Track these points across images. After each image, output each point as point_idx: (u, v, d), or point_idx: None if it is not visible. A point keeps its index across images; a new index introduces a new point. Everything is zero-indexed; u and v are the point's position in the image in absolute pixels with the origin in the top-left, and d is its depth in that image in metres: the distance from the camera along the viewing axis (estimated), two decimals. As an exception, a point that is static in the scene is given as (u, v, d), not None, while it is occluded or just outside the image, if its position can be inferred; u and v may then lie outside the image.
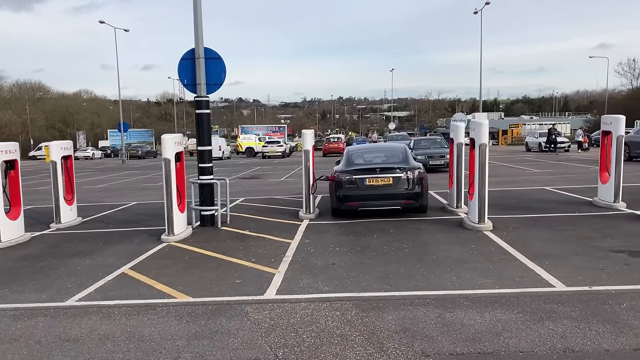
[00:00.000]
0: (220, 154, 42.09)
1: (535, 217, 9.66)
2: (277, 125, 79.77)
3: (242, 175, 24.02)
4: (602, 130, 10.78)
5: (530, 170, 20.92)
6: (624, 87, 79.75)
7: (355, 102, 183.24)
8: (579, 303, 4.96)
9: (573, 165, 22.51)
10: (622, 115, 10.43)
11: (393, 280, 5.96)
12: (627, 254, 6.69)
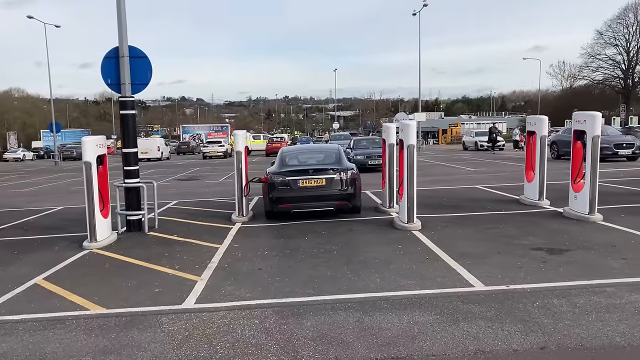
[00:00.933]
0: (159, 154, 41.05)
1: (464, 215, 9.86)
2: (220, 125, 78.65)
3: (179, 177, 23.47)
4: (527, 130, 11.15)
5: (464, 169, 21.49)
6: (555, 87, 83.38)
7: (301, 102, 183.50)
8: (495, 303, 5.04)
9: (506, 163, 23.28)
10: (545, 116, 10.84)
11: (318, 284, 5.89)
12: (546, 251, 6.90)
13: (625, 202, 10.52)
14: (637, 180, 14.43)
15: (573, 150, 9.47)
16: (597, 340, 4.08)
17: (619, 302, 4.88)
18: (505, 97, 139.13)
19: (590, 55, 71.13)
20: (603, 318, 4.51)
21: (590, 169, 8.73)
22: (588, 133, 8.82)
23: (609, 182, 13.93)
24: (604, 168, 17.82)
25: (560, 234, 7.84)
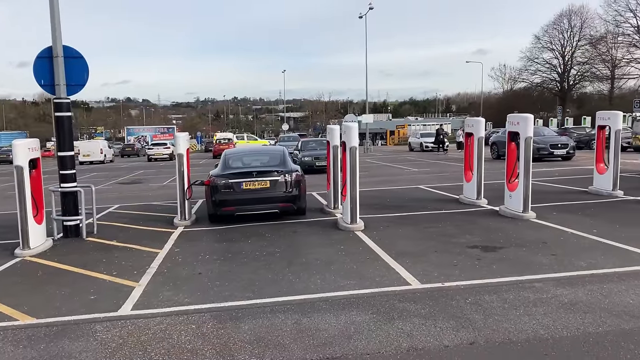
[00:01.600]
0: (102, 157, 39.83)
1: (406, 215, 10.07)
2: (166, 127, 77.06)
3: (122, 180, 22.85)
4: (466, 132, 11.51)
5: (409, 169, 21.94)
6: (497, 90, 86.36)
7: (250, 103, 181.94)
8: (430, 300, 5.18)
9: (449, 164, 23.90)
10: (482, 118, 11.23)
11: (258, 287, 5.88)
12: (481, 249, 7.15)
13: (557, 200, 11.02)
14: (570, 179, 15.13)
15: (508, 151, 9.85)
16: (523, 333, 4.26)
17: (546, 297, 5.11)
18: (450, 99, 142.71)
19: (529, 58, 74.05)
20: (530, 312, 4.72)
21: (524, 169, 9.09)
22: (521, 134, 9.18)
23: (544, 181, 14.55)
24: (540, 167, 18.64)
25: (495, 232, 8.14)
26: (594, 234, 7.69)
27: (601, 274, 5.74)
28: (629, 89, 67.71)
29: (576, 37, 69.82)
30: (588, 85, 73.65)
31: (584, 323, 4.41)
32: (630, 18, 61.95)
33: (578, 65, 71.19)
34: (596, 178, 12.07)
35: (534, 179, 14.62)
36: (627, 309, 4.69)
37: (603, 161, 11.95)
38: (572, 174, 16.41)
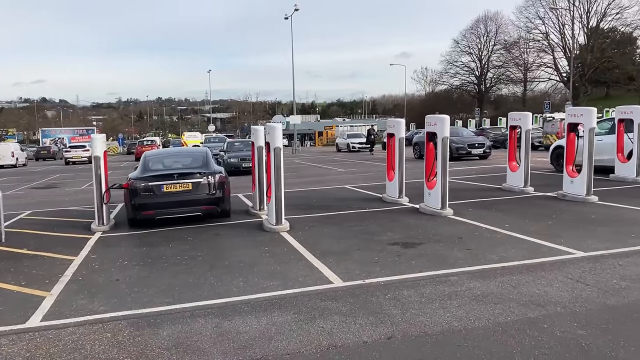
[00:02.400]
0: (13, 161, 37.46)
1: (331, 215, 10.19)
2: (85, 128, 73.66)
3: (36, 185, 21.60)
4: (387, 132, 11.80)
5: (336, 170, 22.21)
6: (419, 92, 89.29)
7: (175, 103, 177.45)
8: (351, 298, 5.26)
9: (375, 164, 24.42)
10: (402, 119, 11.55)
11: (178, 292, 5.73)
12: (401, 245, 7.35)
13: (474, 197, 11.53)
14: (486, 176, 15.89)
15: (426, 150, 10.19)
16: (438, 326, 4.42)
17: (460, 290, 5.33)
18: (376, 101, 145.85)
19: (449, 62, 77.19)
20: (445, 305, 4.90)
21: (441, 167, 9.44)
22: (438, 135, 9.53)
23: (462, 179, 15.18)
24: (459, 166, 19.44)
25: (415, 229, 8.40)
26: (506, 228, 8.11)
27: (511, 266, 6.07)
28: (540, 91, 72.15)
29: (492, 42, 73.60)
30: (503, 88, 77.87)
31: (495, 313, 4.64)
32: (539, 25, 66.06)
33: (494, 69, 74.99)
34: (509, 175, 12.73)
35: (453, 177, 15.24)
36: (534, 298, 4.99)
37: (515, 159, 12.62)
38: (488, 172, 17.23)
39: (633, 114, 12.73)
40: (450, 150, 22.32)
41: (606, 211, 9.20)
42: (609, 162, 13.33)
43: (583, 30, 64.64)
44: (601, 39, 62.98)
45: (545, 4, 63.08)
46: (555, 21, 64.50)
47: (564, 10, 62.48)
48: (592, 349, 3.86)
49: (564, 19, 63.88)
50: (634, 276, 5.50)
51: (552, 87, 70.55)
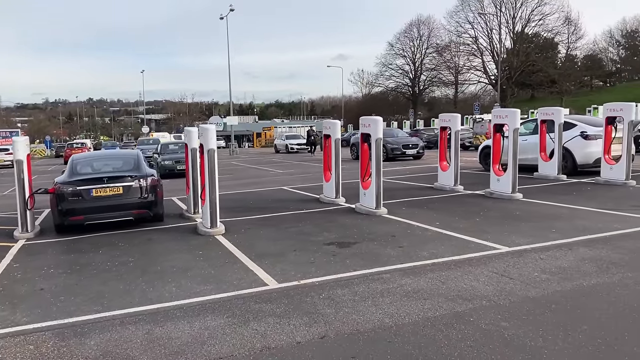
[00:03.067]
0: None
1: (268, 217, 10.16)
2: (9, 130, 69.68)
3: (-46, 191, 20.25)
4: (324, 133, 11.91)
5: (274, 171, 22.18)
6: (356, 94, 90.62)
7: (107, 104, 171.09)
8: (286, 299, 5.27)
9: (313, 165, 24.54)
10: (338, 121, 11.68)
11: (108, 300, 5.55)
12: (336, 245, 7.44)
13: (407, 196, 11.83)
14: (419, 176, 16.34)
15: (361, 151, 10.37)
16: (370, 323, 4.51)
17: (392, 287, 5.46)
18: (314, 102, 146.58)
19: (384, 64, 78.78)
20: (377, 303, 5.01)
21: (375, 168, 9.63)
22: (372, 136, 9.72)
23: (397, 179, 15.54)
24: (394, 166, 19.88)
25: (351, 229, 8.52)
26: (436, 226, 8.38)
27: (441, 263, 6.28)
28: (470, 93, 74.97)
29: (425, 45, 75.80)
30: (436, 90, 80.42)
31: (424, 309, 4.78)
32: (469, 29, 68.71)
33: (427, 71, 77.26)
34: (440, 175, 13.15)
35: (388, 177, 15.58)
36: (461, 293, 5.18)
37: (446, 159, 13.06)
38: (421, 172, 17.72)
39: (554, 115, 13.47)
40: (386, 150, 22.89)
41: (529, 208, 9.69)
42: (533, 160, 14.03)
43: (509, 35, 67.86)
44: (526, 43, 66.32)
45: (474, 9, 65.76)
46: (483, 26, 67.37)
47: (491, 15, 65.39)
48: (513, 339, 4.06)
49: (492, 24, 66.85)
50: (553, 269, 5.82)
51: (482, 90, 73.61)
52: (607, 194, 10.86)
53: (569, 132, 13.78)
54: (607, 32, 77.01)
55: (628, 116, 12.04)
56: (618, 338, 3.99)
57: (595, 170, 13.09)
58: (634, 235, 7.16)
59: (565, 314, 4.53)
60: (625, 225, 7.71)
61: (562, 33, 66.26)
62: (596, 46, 74.39)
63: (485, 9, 65.23)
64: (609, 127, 12.58)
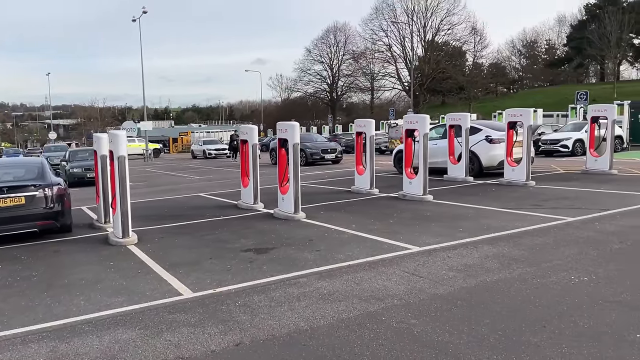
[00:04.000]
0: None
1: (183, 224, 9.94)
2: None
3: None
4: (241, 139, 11.84)
5: (191, 177, 21.72)
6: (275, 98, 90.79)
7: (9, 109, 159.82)
8: (201, 308, 5.19)
9: (231, 170, 24.24)
10: (255, 126, 11.67)
11: (8, 317, 5.20)
12: (254, 251, 7.42)
13: (325, 200, 12.01)
14: (338, 180, 16.63)
15: (279, 156, 10.40)
16: (286, 328, 4.55)
17: (308, 290, 5.53)
18: (233, 107, 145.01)
19: (302, 70, 79.49)
20: (293, 307, 5.05)
21: (293, 173, 9.70)
22: (289, 141, 9.79)
23: (316, 183, 15.73)
24: (313, 171, 20.10)
25: (269, 234, 8.52)
26: (353, 228, 8.57)
27: (356, 264, 6.43)
28: (386, 99, 77.25)
29: (341, 52, 77.28)
30: (354, 95, 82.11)
31: (339, 310, 4.89)
32: (383, 37, 70.87)
33: (344, 77, 78.76)
34: (357, 178, 13.47)
35: (307, 182, 15.74)
36: (374, 293, 5.34)
37: (362, 163, 13.39)
38: (340, 176, 18.05)
39: (461, 121, 14.21)
40: (305, 155, 23.10)
41: (439, 209, 10.15)
42: (442, 164, 14.71)
43: (421, 43, 70.73)
44: (436, 51, 69.37)
45: (388, 18, 67.96)
46: (397, 34, 69.74)
47: (404, 24, 67.91)
48: (422, 335, 4.25)
49: (404, 32, 69.38)
50: (459, 266, 6.14)
51: (397, 96, 76.07)
52: (510, 194, 11.60)
53: (475, 137, 14.60)
54: (510, 42, 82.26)
55: (527, 121, 12.94)
56: (516, 329, 4.28)
57: (499, 171, 13.94)
58: (533, 233, 7.70)
59: (470, 309, 4.79)
60: (525, 224, 8.27)
61: (469, 42, 70.03)
62: (500, 55, 79.16)
63: (398, 17, 67.67)
64: (510, 132, 13.45)
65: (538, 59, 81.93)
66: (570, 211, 9.11)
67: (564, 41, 76.44)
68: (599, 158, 14.82)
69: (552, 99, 54.60)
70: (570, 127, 25.32)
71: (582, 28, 65.73)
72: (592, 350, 3.82)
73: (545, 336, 4.10)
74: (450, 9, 67.18)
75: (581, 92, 31.71)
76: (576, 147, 22.68)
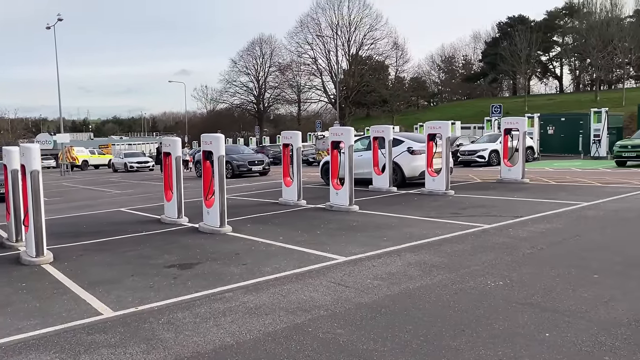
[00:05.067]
0: None
1: (103, 241, 9.53)
2: None
3: None
4: (163, 151, 11.55)
5: (111, 191, 20.89)
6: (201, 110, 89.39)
7: None
8: (122, 327, 4.99)
9: (154, 184, 23.55)
10: (178, 138, 11.44)
11: None
12: (178, 267, 7.24)
13: (252, 213, 11.94)
14: (265, 192, 16.59)
15: (203, 169, 10.24)
16: (211, 344, 4.47)
17: (234, 305, 5.46)
18: (156, 118, 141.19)
19: (228, 81, 78.87)
20: (219, 322, 4.98)
21: (218, 186, 9.58)
22: (214, 153, 9.67)
23: (243, 196, 15.60)
24: (240, 183, 19.94)
25: (194, 249, 8.35)
26: (280, 240, 8.57)
27: (283, 277, 6.43)
28: (313, 111, 78.12)
29: (267, 64, 77.44)
30: (281, 107, 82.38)
31: (265, 324, 4.86)
32: (308, 50, 71.76)
33: (271, 89, 78.93)
34: (284, 190, 13.50)
35: (234, 194, 15.59)
36: (301, 305, 5.37)
37: (289, 175, 13.44)
38: (267, 188, 18.01)
39: (384, 133, 14.62)
40: (231, 167, 22.88)
41: (365, 219, 10.37)
42: (368, 174, 15.06)
43: (346, 57, 72.26)
44: (360, 65, 71.07)
45: (313, 31, 68.93)
46: (322, 47, 70.83)
47: (328, 38, 69.09)
48: (347, 344, 4.31)
49: (329, 46, 70.62)
50: (383, 275, 6.30)
51: (323, 108, 77.15)
52: (431, 203, 12.05)
53: (398, 148, 15.08)
54: (430, 57, 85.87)
55: (445, 133, 13.52)
56: (437, 334, 4.44)
57: (421, 182, 14.45)
58: (452, 240, 8.03)
59: (394, 316, 4.92)
60: (445, 231, 8.62)
61: (391, 57, 72.29)
62: (421, 69, 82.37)
63: (323, 31, 68.83)
64: (430, 143, 14.00)
65: (456, 74, 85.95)
66: (487, 219, 9.59)
67: (480, 57, 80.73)
68: (512, 168, 15.73)
69: (469, 112, 57.42)
70: (486, 139, 26.71)
71: (495, 45, 69.74)
72: (507, 351, 4.03)
73: (464, 339, 4.29)
74: (372, 24, 69.22)
75: (495, 105, 33.55)
76: (492, 158, 23.93)
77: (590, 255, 6.79)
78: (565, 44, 69.54)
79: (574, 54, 65.47)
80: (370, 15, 68.89)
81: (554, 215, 9.75)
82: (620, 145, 21.45)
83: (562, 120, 31.06)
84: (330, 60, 70.82)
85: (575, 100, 56.11)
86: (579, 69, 69.81)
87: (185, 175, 12.98)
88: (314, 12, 69.41)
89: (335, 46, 70.25)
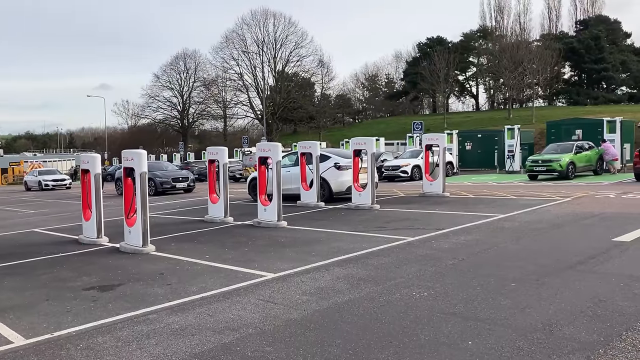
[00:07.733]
0: None
1: (15, 264, 8.91)
2: None
3: None
4: (82, 168, 11.03)
5: (24, 211, 19.65)
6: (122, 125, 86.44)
7: None
8: (35, 355, 4.67)
9: (71, 203, 22.38)
10: (97, 154, 10.98)
11: None
12: (98, 289, 6.89)
13: (177, 231, 11.61)
14: (190, 209, 16.21)
15: (125, 186, 9.87)
16: (134, 369, 4.27)
17: (158, 327, 5.26)
18: (74, 134, 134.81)
19: (151, 96, 76.84)
20: (142, 345, 4.77)
21: (141, 203, 9.24)
22: (136, 170, 9.34)
23: (167, 214, 15.15)
24: (164, 200, 19.37)
25: (115, 270, 7.98)
26: (206, 259, 8.38)
27: (210, 296, 6.28)
28: (239, 126, 77.57)
29: (192, 79, 76.18)
30: (206, 123, 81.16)
31: (191, 345, 4.72)
32: (234, 66, 71.33)
33: (195, 105, 77.65)
34: (210, 207, 13.25)
35: (157, 212, 15.13)
36: (229, 324, 5.25)
37: (215, 192, 13.22)
38: (193, 205, 17.60)
39: (311, 149, 14.76)
40: (155, 184, 22.21)
41: (293, 234, 10.36)
42: (296, 190, 15.09)
43: (272, 73, 72.39)
44: (287, 82, 71.46)
45: (238, 47, 68.60)
46: (248, 63, 70.56)
47: (254, 54, 69.01)
48: (277, 362, 4.26)
49: (255, 62, 70.49)
50: (312, 290, 6.30)
51: (250, 124, 76.76)
52: (358, 217, 12.25)
53: (325, 164, 15.25)
54: (354, 75, 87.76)
55: (370, 149, 13.85)
56: (365, 347, 4.49)
57: (347, 196, 14.67)
58: (378, 253, 8.19)
59: (323, 331, 4.93)
60: (372, 245, 8.78)
61: (317, 74, 73.16)
62: (346, 87, 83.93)
63: (248, 47, 68.66)
64: (356, 159, 14.28)
65: (379, 92, 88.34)
66: (411, 231, 9.87)
67: (401, 75, 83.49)
68: (434, 182, 16.33)
69: (392, 128, 59.11)
70: (409, 154, 27.62)
71: (415, 64, 72.37)
72: (432, 360, 4.14)
73: (391, 351, 4.36)
74: (298, 41, 69.86)
75: (417, 122, 34.78)
76: (414, 173, 24.73)
77: (507, 265, 7.14)
78: (480, 64, 73.38)
79: (489, 74, 69.16)
80: (295, 33, 69.60)
81: (473, 227, 10.19)
82: (532, 160, 22.83)
83: (479, 137, 32.66)
84: (256, 76, 70.72)
85: (490, 118, 59.18)
86: (493, 88, 73.78)
87: (105, 193, 12.40)
88: (239, 27, 69.20)
89: (262, 62, 70.31)
